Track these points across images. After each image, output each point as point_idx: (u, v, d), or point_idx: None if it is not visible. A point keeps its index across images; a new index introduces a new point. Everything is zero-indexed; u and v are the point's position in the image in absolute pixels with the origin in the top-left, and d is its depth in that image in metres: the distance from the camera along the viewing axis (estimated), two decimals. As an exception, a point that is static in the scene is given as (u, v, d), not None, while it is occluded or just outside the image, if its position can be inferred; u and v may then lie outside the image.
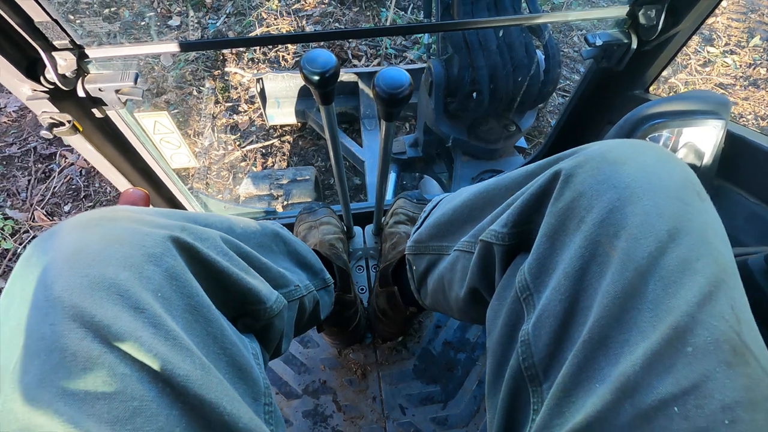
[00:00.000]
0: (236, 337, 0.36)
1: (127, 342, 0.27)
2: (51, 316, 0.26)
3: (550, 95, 1.10)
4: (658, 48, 0.67)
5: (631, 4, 0.63)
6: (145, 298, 0.29)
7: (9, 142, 1.99)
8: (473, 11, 1.02)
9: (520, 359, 0.33)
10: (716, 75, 2.44)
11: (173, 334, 0.29)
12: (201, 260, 0.34)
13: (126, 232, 0.31)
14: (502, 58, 0.99)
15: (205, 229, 0.37)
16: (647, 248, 0.27)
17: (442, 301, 0.59)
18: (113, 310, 0.27)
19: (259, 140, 2.03)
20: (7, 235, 1.70)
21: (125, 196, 0.45)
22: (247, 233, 0.47)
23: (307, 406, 0.88)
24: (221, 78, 2.20)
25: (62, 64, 0.55)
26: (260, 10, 2.42)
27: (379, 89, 0.48)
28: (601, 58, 0.70)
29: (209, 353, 0.32)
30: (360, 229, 1.04)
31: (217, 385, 0.29)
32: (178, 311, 0.31)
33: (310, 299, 0.56)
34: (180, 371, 0.28)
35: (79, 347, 0.26)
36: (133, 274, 0.29)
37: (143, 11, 2.34)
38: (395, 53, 2.31)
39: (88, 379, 0.25)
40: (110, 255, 0.29)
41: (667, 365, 0.25)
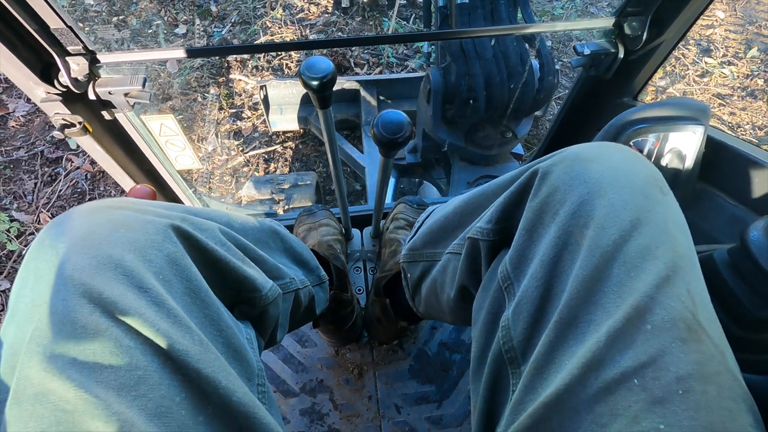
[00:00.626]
0: (232, 321, 0.38)
1: (132, 317, 0.29)
2: (63, 293, 0.29)
3: (544, 103, 1.13)
4: (644, 57, 0.69)
5: (617, 16, 0.66)
6: (149, 279, 0.31)
7: (17, 145, 2.03)
8: (470, 21, 1.06)
9: (500, 343, 0.35)
10: (714, 85, 2.47)
11: (174, 313, 0.31)
12: (200, 248, 0.37)
13: (131, 218, 0.34)
14: (497, 66, 1.02)
15: (205, 220, 0.40)
16: (612, 236, 0.30)
17: (434, 305, 0.61)
18: (119, 288, 0.29)
19: (262, 146, 2.06)
20: (12, 237, 1.73)
21: (133, 191, 0.48)
22: (246, 228, 0.49)
23: (304, 405, 0.89)
24: (225, 85, 2.24)
25: (75, 68, 0.58)
26: (265, 19, 2.48)
27: (378, 133, 0.49)
28: (589, 66, 0.73)
29: (206, 334, 0.34)
30: (358, 232, 1.06)
31: (214, 360, 0.32)
32: (177, 293, 0.33)
33: (306, 293, 0.58)
34: (180, 346, 0.30)
35: (89, 321, 0.28)
36: (137, 257, 0.31)
37: (151, 19, 2.40)
38: (397, 62, 2.35)
39: (96, 350, 0.27)
40: (117, 238, 0.32)
41: (628, 342, 0.27)
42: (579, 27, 0.66)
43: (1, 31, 0.50)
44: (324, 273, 0.67)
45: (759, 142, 2.17)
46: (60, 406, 0.26)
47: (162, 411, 0.28)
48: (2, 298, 1.63)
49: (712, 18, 2.83)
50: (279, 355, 0.94)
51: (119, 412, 0.26)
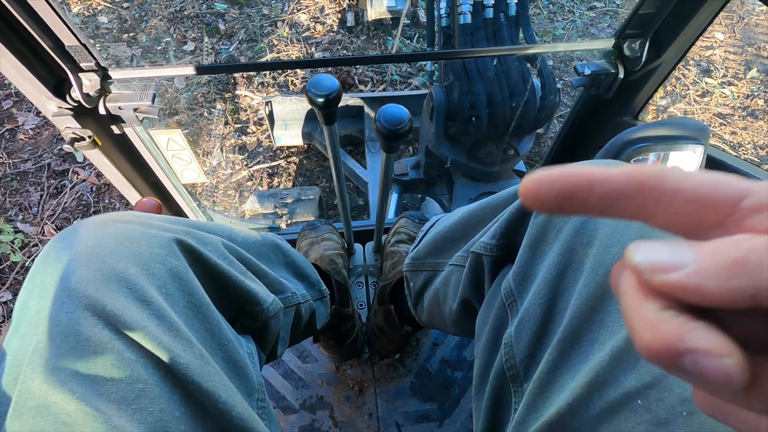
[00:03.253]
0: (233, 335, 0.38)
1: (134, 331, 0.29)
2: (67, 305, 0.29)
3: (546, 121, 1.14)
4: (644, 77, 0.71)
5: (617, 37, 0.68)
6: (151, 293, 0.31)
7: (24, 158, 2.05)
8: (473, 41, 1.08)
9: (503, 360, 0.35)
10: (714, 105, 2.49)
11: (176, 326, 0.31)
12: (203, 262, 0.37)
13: (135, 232, 0.34)
14: (499, 85, 1.04)
15: (208, 234, 0.40)
16: (616, 255, 0.30)
17: (437, 315, 0.61)
18: (123, 301, 0.30)
19: (266, 160, 2.08)
20: (16, 248, 1.74)
21: (139, 204, 0.48)
22: (247, 242, 0.49)
23: (303, 422, 0.88)
24: (231, 100, 2.28)
25: (87, 84, 0.59)
26: (271, 37, 2.53)
27: (380, 125, 0.51)
28: (590, 86, 0.74)
29: (207, 347, 0.34)
30: (360, 246, 1.07)
31: (215, 375, 0.32)
32: (179, 307, 0.33)
33: (307, 308, 0.58)
34: (181, 360, 0.30)
35: (91, 333, 0.28)
36: (140, 270, 0.32)
37: (160, 36, 2.45)
38: (400, 80, 2.39)
39: (98, 363, 0.28)
40: (121, 252, 0.32)
41: (631, 362, 0.27)
42: (580, 48, 0.67)
43: (18, 49, 0.52)
44: (325, 287, 0.67)
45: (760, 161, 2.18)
46: (60, 419, 0.26)
47: (162, 425, 0.28)
48: (3, 309, 1.63)
49: (712, 39, 2.87)
50: (279, 371, 0.93)
51: (119, 425, 0.26)
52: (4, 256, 1.72)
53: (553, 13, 2.92)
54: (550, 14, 2.88)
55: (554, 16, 2.89)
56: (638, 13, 0.63)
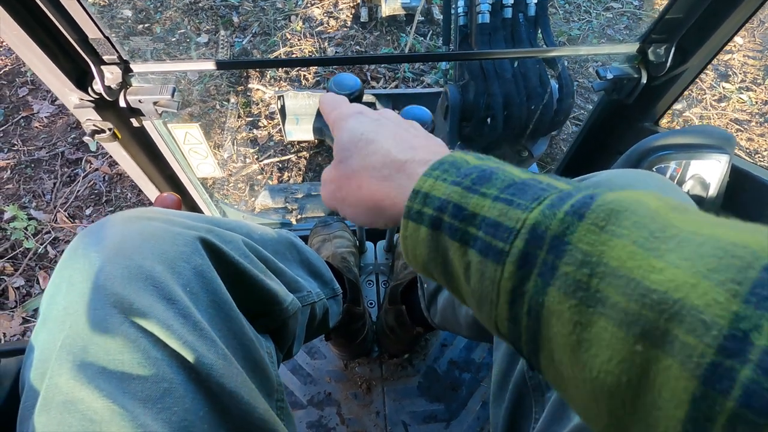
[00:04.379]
0: (254, 335, 0.38)
1: (160, 329, 0.29)
2: (95, 302, 0.29)
3: (562, 124, 1.13)
4: (667, 83, 0.69)
5: (641, 42, 0.67)
6: (177, 291, 0.31)
7: (39, 146, 2.07)
8: (491, 41, 1.07)
9: (524, 369, 0.35)
10: (731, 111, 2.45)
11: (200, 326, 0.31)
12: (225, 261, 0.37)
13: (160, 230, 0.34)
14: (516, 87, 1.03)
15: (229, 232, 0.40)
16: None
17: (451, 318, 0.61)
18: (149, 299, 0.30)
19: (277, 155, 2.09)
20: (29, 235, 1.76)
21: (160, 199, 0.49)
22: (265, 239, 0.50)
23: (311, 417, 0.89)
24: (243, 94, 2.28)
25: (109, 77, 0.60)
26: (285, 31, 2.53)
27: None
28: (611, 90, 0.73)
29: (228, 346, 0.34)
30: (372, 245, 1.07)
31: (237, 375, 0.32)
32: (203, 305, 0.34)
33: (321, 306, 0.58)
34: (205, 359, 0.30)
35: (119, 331, 0.28)
36: (166, 268, 0.32)
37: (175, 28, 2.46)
38: (413, 77, 2.37)
39: (125, 360, 0.28)
40: (147, 249, 0.32)
41: None
42: (603, 52, 0.66)
43: (43, 41, 0.52)
44: (338, 286, 0.68)
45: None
46: (87, 416, 0.26)
47: (186, 425, 0.28)
48: (16, 294, 1.65)
49: (731, 43, 2.82)
50: (287, 366, 0.94)
51: (145, 424, 0.26)
52: (18, 243, 1.74)
53: (569, 13, 2.88)
54: (566, 14, 2.84)
55: (570, 16, 2.86)
56: (665, 18, 0.62)
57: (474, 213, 0.22)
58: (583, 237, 0.18)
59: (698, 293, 0.15)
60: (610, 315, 0.17)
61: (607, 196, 0.19)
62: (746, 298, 0.14)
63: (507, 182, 0.22)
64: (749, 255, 0.15)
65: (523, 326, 0.21)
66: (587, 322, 0.18)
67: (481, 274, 0.21)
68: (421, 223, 0.24)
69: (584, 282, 0.18)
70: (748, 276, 0.15)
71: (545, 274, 0.19)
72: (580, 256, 0.18)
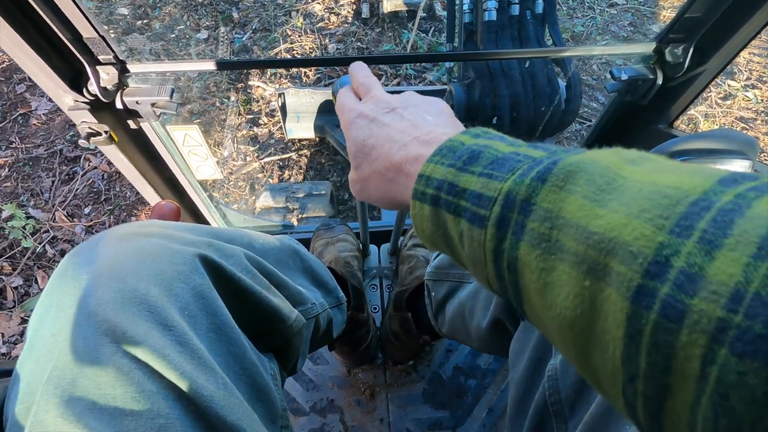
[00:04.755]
0: (256, 357, 0.36)
1: (155, 359, 0.27)
2: (85, 329, 0.27)
3: (569, 124, 1.11)
4: (683, 84, 0.67)
5: (658, 42, 0.64)
6: (173, 316, 0.29)
7: (37, 143, 2.05)
8: (497, 39, 1.04)
9: (546, 394, 0.33)
10: (737, 109, 2.42)
11: (199, 353, 0.29)
12: (226, 278, 0.35)
13: (158, 248, 0.32)
14: (524, 87, 1.01)
15: (231, 246, 0.38)
16: None
17: (460, 329, 0.59)
18: (143, 326, 0.28)
19: (277, 153, 2.06)
20: (28, 234, 1.74)
21: (158, 208, 0.46)
22: (266, 249, 0.48)
23: (313, 425, 0.87)
24: (244, 91, 2.25)
25: (105, 77, 0.57)
26: (285, 27, 2.49)
27: None
28: (625, 92, 0.71)
29: (230, 373, 0.32)
30: (375, 248, 1.04)
31: (239, 406, 0.30)
32: (202, 329, 0.31)
33: (325, 317, 0.56)
34: (204, 391, 0.28)
35: (110, 362, 0.26)
36: (163, 291, 0.30)
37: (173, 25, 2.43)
38: (415, 74, 2.34)
39: (117, 395, 0.26)
40: (143, 270, 0.30)
41: None
42: (618, 52, 0.64)
43: (35, 41, 0.50)
44: (342, 294, 0.66)
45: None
46: None
47: None
48: (14, 294, 1.64)
49: (737, 41, 2.78)
50: (290, 372, 0.92)
51: None
52: (16, 242, 1.72)
53: (573, 9, 2.84)
54: (569, 10, 2.80)
55: (574, 13, 2.82)
56: (683, 17, 0.59)
57: (464, 188, 0.25)
58: (546, 197, 0.21)
59: (629, 230, 0.18)
60: (566, 259, 0.20)
61: (567, 159, 0.22)
62: (671, 230, 0.17)
63: (491, 159, 0.26)
64: (679, 194, 0.18)
65: (507, 281, 0.24)
66: (550, 268, 0.21)
67: (471, 239, 0.25)
68: (425, 201, 0.28)
69: (546, 234, 0.21)
70: (675, 211, 0.17)
71: (517, 232, 0.22)
72: (543, 213, 0.21)
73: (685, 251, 0.16)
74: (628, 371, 0.17)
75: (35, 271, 1.68)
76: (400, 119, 0.34)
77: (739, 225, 0.15)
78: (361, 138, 0.35)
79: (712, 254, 0.15)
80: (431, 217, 0.27)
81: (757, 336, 0.14)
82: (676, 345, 0.16)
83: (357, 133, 0.35)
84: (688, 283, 0.16)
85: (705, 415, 0.15)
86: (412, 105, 0.35)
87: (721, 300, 0.15)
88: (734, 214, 0.16)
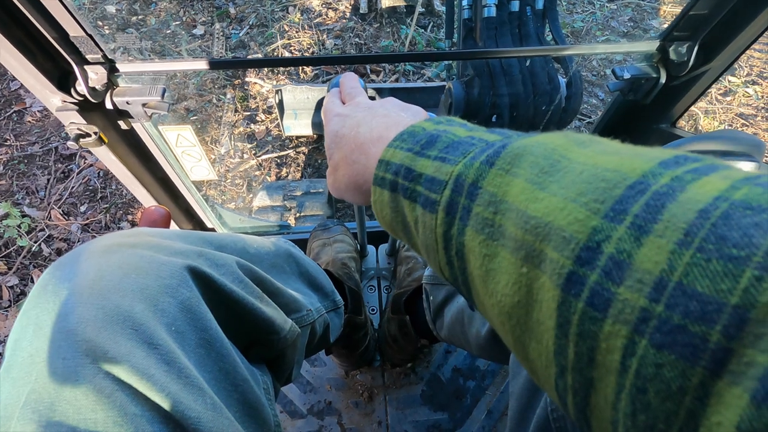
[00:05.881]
0: (248, 371, 0.35)
1: (139, 380, 0.26)
2: (64, 350, 0.26)
3: (570, 121, 1.09)
4: (687, 83, 0.66)
5: (662, 40, 0.63)
6: (159, 333, 0.28)
7: (32, 141, 2.03)
8: (497, 36, 1.02)
9: (548, 410, 0.32)
10: (737, 105, 2.41)
11: (186, 372, 0.28)
12: (217, 290, 0.34)
13: (143, 260, 0.31)
14: (524, 86, 0.99)
15: (221, 254, 0.37)
16: None
17: (459, 334, 0.58)
18: (127, 345, 0.27)
19: (275, 150, 2.04)
20: (23, 233, 1.73)
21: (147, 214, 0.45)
22: (261, 254, 0.46)
23: (311, 427, 0.86)
24: (241, 87, 2.23)
25: (93, 77, 0.56)
26: (282, 23, 2.47)
27: None
28: (627, 91, 0.69)
29: (220, 390, 0.31)
30: (374, 248, 1.03)
31: (228, 427, 0.29)
32: (191, 346, 0.30)
33: (321, 322, 0.55)
34: (191, 413, 0.27)
35: (91, 384, 0.25)
36: (148, 307, 0.29)
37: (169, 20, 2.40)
38: (413, 70, 2.32)
39: (98, 419, 0.24)
40: (127, 285, 0.29)
41: None
42: (621, 50, 0.62)
43: (19, 39, 0.48)
44: (339, 298, 0.64)
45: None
46: None
47: None
48: (10, 293, 1.62)
49: (738, 36, 2.76)
50: (287, 374, 0.91)
51: None
52: (11, 241, 1.71)
53: (573, 4, 2.82)
54: (569, 5, 2.78)
55: (573, 8, 2.80)
56: (688, 14, 0.58)
57: (420, 173, 0.25)
58: (492, 181, 0.21)
59: (564, 215, 0.17)
60: (507, 245, 0.19)
61: (517, 142, 0.21)
62: (605, 214, 0.16)
63: (447, 143, 0.25)
64: (617, 176, 0.17)
65: (456, 268, 0.23)
66: (492, 254, 0.20)
67: (424, 224, 0.24)
68: (384, 187, 0.27)
69: (490, 219, 0.20)
70: (612, 195, 0.16)
71: (464, 218, 0.21)
72: (488, 197, 0.21)
73: (615, 237, 0.15)
74: (559, 363, 0.17)
75: (31, 270, 1.67)
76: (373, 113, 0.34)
77: (670, 209, 0.15)
78: (334, 130, 0.35)
79: (640, 240, 0.15)
80: (390, 203, 0.27)
81: (675, 327, 0.13)
82: (600, 335, 0.15)
83: (332, 127, 0.36)
84: (615, 271, 0.15)
85: (625, 411, 0.14)
86: (390, 104, 0.36)
87: (645, 289, 0.14)
88: (666, 198, 0.15)
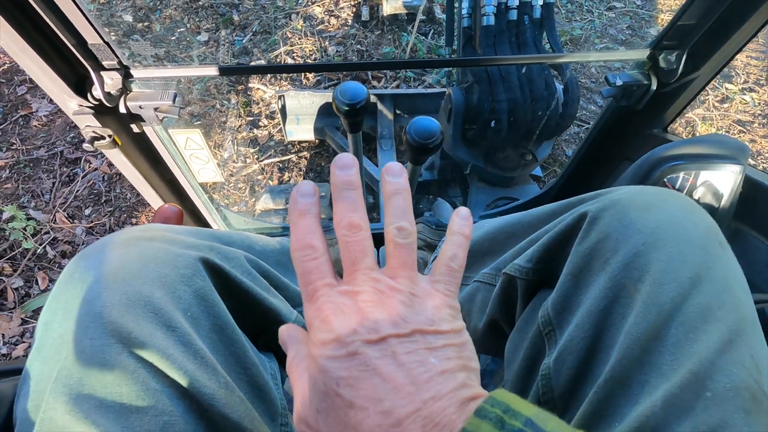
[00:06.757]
0: (257, 357, 0.37)
1: (160, 359, 0.28)
2: (91, 331, 0.28)
3: (567, 126, 1.12)
4: (677, 90, 0.68)
5: (652, 48, 0.65)
6: (177, 317, 0.30)
7: (38, 145, 2.06)
8: (495, 44, 1.05)
9: (539, 393, 0.34)
10: (734, 112, 2.44)
11: (201, 353, 0.30)
12: (227, 280, 0.36)
13: (161, 252, 0.33)
14: (522, 92, 1.02)
15: (231, 249, 0.39)
16: (670, 293, 0.29)
17: None
18: (148, 327, 0.29)
19: (277, 155, 2.07)
20: (28, 235, 1.75)
21: (161, 211, 0.47)
22: (266, 251, 0.49)
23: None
24: (244, 93, 2.26)
25: (109, 82, 0.58)
26: (285, 30, 2.51)
27: (410, 138, 0.50)
28: (620, 97, 0.72)
29: (231, 372, 0.33)
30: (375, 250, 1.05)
31: (240, 404, 0.31)
32: (204, 330, 0.32)
33: None
34: (206, 389, 0.29)
35: (117, 361, 0.27)
36: (166, 293, 0.31)
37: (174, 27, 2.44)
38: (414, 76, 2.36)
39: (123, 393, 0.27)
40: (147, 274, 0.31)
41: (685, 408, 0.25)
42: (613, 58, 0.65)
43: (40, 46, 0.51)
44: None
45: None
46: None
47: None
48: (15, 295, 1.64)
49: (734, 44, 2.79)
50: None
51: None
52: (16, 243, 1.73)
53: (571, 12, 2.86)
54: (568, 13, 2.82)
55: (572, 16, 2.84)
56: (677, 24, 0.61)
57: None
58: None
59: None
60: None
61: None
62: None
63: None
64: None
65: None
66: None
67: None
68: None
69: None
70: None
71: None
72: None
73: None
74: None
75: (36, 273, 1.69)
76: (395, 366, 0.23)
77: None
78: (335, 377, 0.23)
79: None
80: None
81: None
82: None
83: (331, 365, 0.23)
84: None
85: None
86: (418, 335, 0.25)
87: None
88: None
